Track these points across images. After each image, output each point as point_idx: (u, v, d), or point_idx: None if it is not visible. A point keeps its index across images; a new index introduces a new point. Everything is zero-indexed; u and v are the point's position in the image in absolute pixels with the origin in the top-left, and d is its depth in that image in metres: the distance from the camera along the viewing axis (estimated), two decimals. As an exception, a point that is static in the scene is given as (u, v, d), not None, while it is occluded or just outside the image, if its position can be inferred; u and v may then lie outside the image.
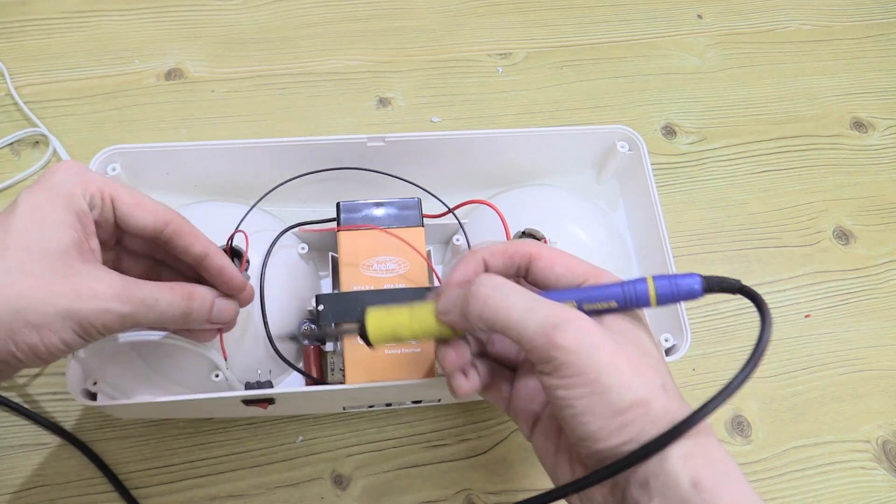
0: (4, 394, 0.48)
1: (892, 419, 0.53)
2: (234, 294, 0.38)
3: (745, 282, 0.56)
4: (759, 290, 0.56)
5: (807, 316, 0.56)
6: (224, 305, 0.37)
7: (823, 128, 0.66)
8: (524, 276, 0.35)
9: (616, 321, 0.32)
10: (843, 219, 0.61)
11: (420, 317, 0.34)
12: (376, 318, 0.35)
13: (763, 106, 0.67)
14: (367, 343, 0.35)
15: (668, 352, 0.44)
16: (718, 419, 0.51)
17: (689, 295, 0.32)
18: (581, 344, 0.29)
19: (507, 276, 0.34)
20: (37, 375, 0.49)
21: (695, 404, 0.54)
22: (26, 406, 0.48)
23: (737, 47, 0.70)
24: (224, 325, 0.39)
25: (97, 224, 0.34)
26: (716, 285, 0.32)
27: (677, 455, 0.29)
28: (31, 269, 0.30)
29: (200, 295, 0.36)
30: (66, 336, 0.31)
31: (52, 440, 0.47)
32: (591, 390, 0.29)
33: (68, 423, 0.48)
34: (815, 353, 0.55)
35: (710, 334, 0.55)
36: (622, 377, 0.29)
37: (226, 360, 0.42)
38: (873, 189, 0.63)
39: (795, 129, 0.66)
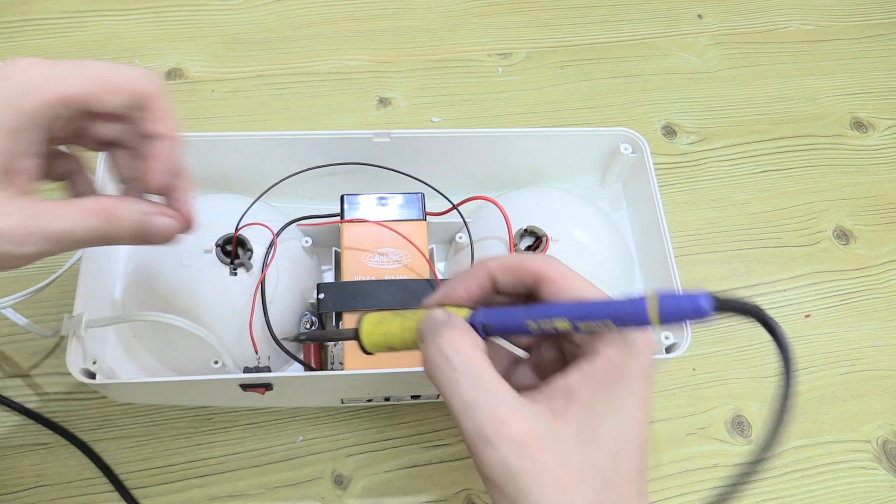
0: (5, 393, 0.48)
1: (892, 419, 0.53)
2: (153, 189, 0.33)
3: (746, 282, 0.57)
4: (758, 290, 0.57)
5: (807, 316, 0.56)
6: (159, 224, 0.33)
7: (823, 128, 0.66)
8: (531, 295, 0.32)
9: (592, 401, 0.28)
10: (843, 219, 0.61)
11: (411, 328, 0.33)
12: (369, 326, 0.34)
13: (763, 106, 0.67)
14: (365, 351, 0.35)
15: (668, 350, 0.44)
16: (719, 419, 0.51)
17: (697, 314, 0.28)
18: (507, 469, 0.27)
19: (515, 292, 0.32)
20: (37, 375, 0.49)
21: (695, 404, 0.54)
22: (26, 406, 0.48)
23: (737, 47, 0.70)
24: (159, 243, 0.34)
25: (55, 129, 0.30)
26: (729, 306, 0.27)
27: None
28: None
29: (122, 217, 0.31)
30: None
31: (52, 440, 0.47)
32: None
33: (68, 423, 0.48)
34: (816, 353, 0.55)
35: (710, 334, 0.55)
36: None
37: (257, 353, 0.42)
38: (873, 189, 0.63)
39: (795, 129, 0.66)
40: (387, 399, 0.48)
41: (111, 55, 0.63)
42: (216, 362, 0.43)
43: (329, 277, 0.50)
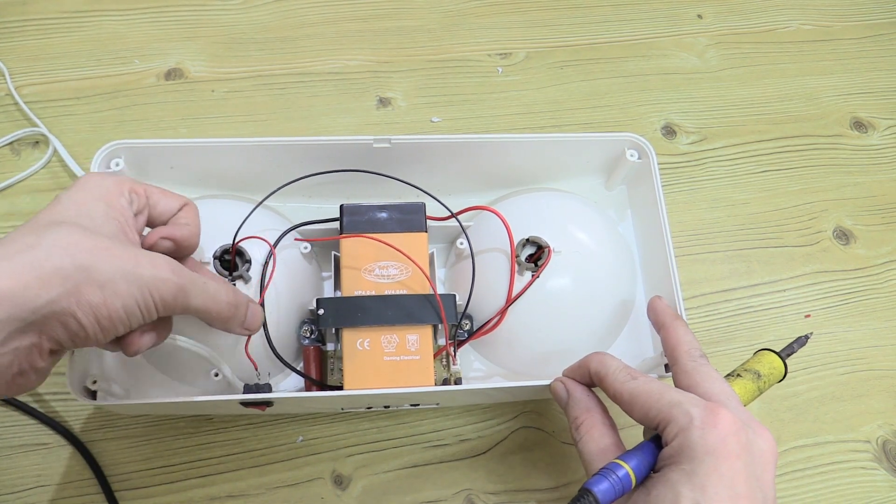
0: (4, 394, 0.48)
1: (892, 419, 0.53)
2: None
3: (746, 282, 0.57)
4: (758, 290, 0.57)
5: (807, 316, 0.56)
6: (256, 310, 0.39)
7: (823, 128, 0.66)
8: None
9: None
10: (843, 219, 0.61)
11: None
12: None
13: (763, 106, 0.67)
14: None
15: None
16: (718, 419, 0.51)
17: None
18: None
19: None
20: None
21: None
22: (27, 405, 0.48)
23: (737, 47, 0.70)
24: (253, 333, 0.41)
25: (136, 217, 0.36)
26: None
27: None
28: (93, 236, 0.31)
29: (243, 294, 0.38)
30: (128, 302, 0.31)
31: (53, 440, 0.47)
32: None
33: (68, 423, 0.48)
34: (815, 353, 0.55)
35: (710, 334, 0.55)
36: None
37: (257, 370, 0.43)
38: (873, 189, 0.63)
39: (795, 129, 0.66)
40: (386, 406, 0.48)
41: (111, 55, 0.63)
42: (216, 374, 0.43)
43: (329, 283, 0.50)
